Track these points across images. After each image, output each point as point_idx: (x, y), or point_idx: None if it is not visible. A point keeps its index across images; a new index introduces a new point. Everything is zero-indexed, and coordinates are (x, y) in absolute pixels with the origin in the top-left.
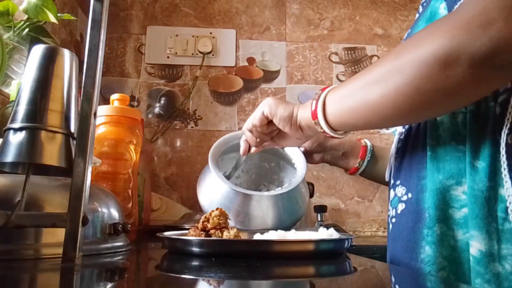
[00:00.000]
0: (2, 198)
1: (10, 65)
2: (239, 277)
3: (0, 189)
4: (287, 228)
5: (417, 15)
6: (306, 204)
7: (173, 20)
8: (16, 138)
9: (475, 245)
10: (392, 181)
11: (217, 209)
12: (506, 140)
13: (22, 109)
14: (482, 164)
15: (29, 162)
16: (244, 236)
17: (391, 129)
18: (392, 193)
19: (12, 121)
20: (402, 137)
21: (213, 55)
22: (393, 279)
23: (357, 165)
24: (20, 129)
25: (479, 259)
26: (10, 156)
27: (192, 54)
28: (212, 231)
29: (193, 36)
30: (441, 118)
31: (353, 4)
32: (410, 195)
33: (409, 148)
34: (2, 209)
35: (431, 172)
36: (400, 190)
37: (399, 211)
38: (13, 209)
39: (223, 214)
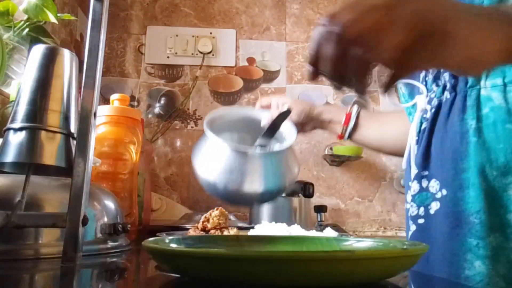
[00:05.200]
0: (2, 198)
1: (10, 65)
2: None
3: (0, 189)
4: (279, 191)
5: None
6: (297, 170)
7: (173, 20)
8: (16, 138)
9: None
10: (415, 170)
11: (217, 209)
12: None
13: (22, 109)
14: None
15: (29, 162)
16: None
17: (408, 103)
18: (415, 185)
19: (12, 121)
20: (427, 115)
21: (213, 55)
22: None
23: (341, 131)
24: (20, 129)
25: None
26: (10, 156)
27: (192, 54)
28: (212, 231)
29: (193, 36)
30: (488, 93)
31: None
32: (444, 191)
33: (440, 130)
34: (2, 209)
35: (478, 164)
36: (434, 185)
37: (432, 211)
38: (13, 209)
39: (223, 214)
